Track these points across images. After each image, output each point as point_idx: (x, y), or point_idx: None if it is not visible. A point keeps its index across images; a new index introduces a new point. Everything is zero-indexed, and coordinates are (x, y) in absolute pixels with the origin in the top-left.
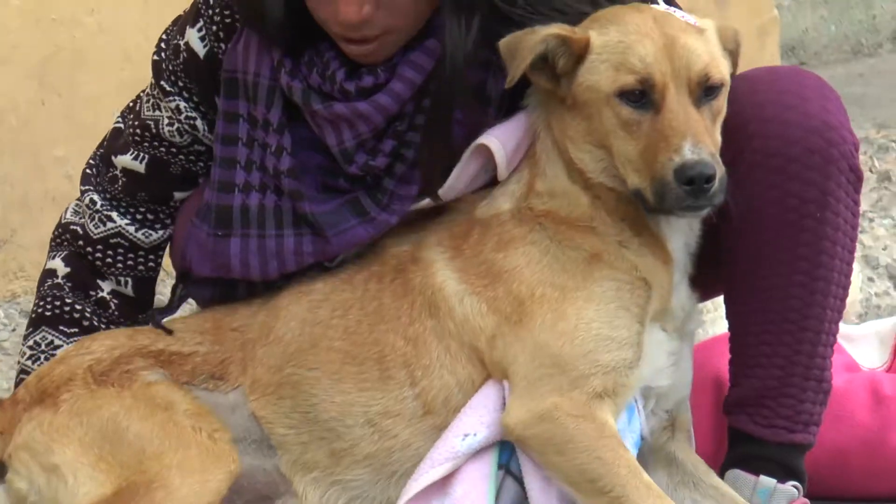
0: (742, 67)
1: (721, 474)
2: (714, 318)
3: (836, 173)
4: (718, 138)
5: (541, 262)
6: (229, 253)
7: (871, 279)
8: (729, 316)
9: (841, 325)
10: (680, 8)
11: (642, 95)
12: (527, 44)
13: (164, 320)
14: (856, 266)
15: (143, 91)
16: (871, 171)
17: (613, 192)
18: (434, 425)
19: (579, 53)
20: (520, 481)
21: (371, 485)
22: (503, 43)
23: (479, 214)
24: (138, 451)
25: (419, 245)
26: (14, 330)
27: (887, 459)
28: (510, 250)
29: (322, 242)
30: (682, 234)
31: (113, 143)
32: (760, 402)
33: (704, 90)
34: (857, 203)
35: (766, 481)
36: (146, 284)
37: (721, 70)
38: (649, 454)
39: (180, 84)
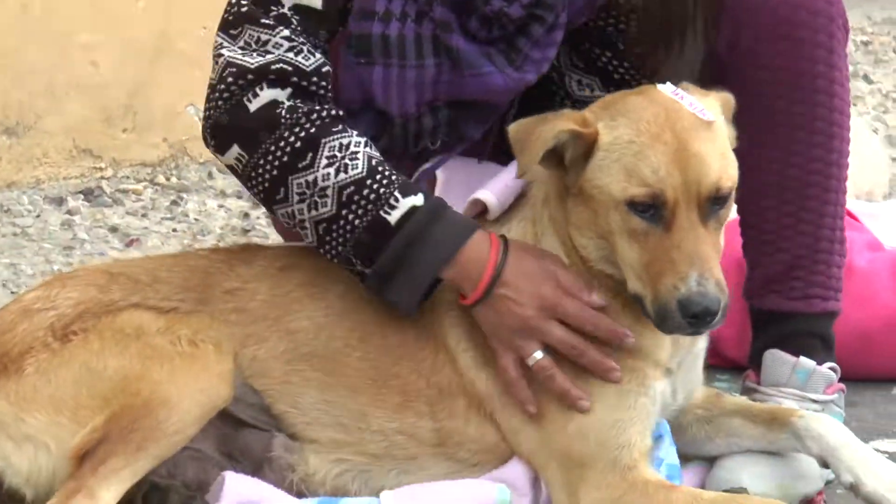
0: None
1: (753, 359)
2: None
3: (837, 31)
4: (721, 244)
5: None
6: (372, 80)
7: (893, 159)
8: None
9: (863, 202)
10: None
11: (652, 207)
12: (538, 137)
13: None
14: (881, 145)
15: None
16: (894, 51)
17: (612, 279)
18: (445, 454)
19: (588, 146)
20: None
21: (367, 467)
22: (513, 130)
23: None
24: (121, 380)
25: None
26: (38, 216)
27: None
28: None
29: (458, 77)
30: None
31: None
32: (791, 276)
33: (713, 201)
34: (847, 56)
35: (806, 362)
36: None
37: (731, 175)
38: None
39: None
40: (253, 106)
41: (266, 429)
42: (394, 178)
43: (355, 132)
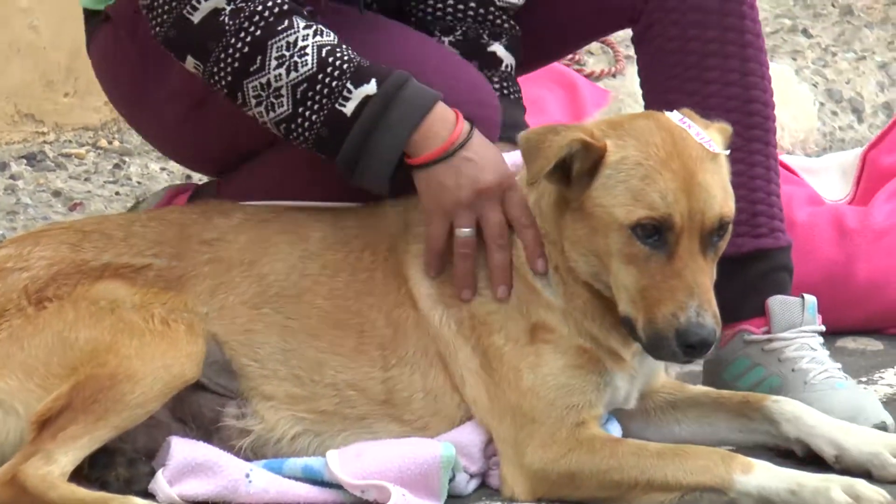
0: None
1: (740, 308)
2: None
3: None
4: (714, 275)
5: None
6: None
7: (834, 113)
8: None
9: (802, 157)
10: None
11: (656, 232)
12: (552, 145)
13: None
14: (812, 94)
15: None
16: (833, 5)
17: (592, 288)
18: (391, 415)
19: (595, 161)
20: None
21: (320, 428)
22: (524, 137)
23: None
24: (91, 351)
25: (410, 214)
26: None
27: (853, 291)
28: None
29: None
30: None
31: None
32: (755, 213)
33: (714, 233)
34: None
35: (809, 297)
36: None
37: (732, 208)
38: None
39: None
40: (196, 18)
41: (221, 393)
42: (346, 67)
43: (303, 24)
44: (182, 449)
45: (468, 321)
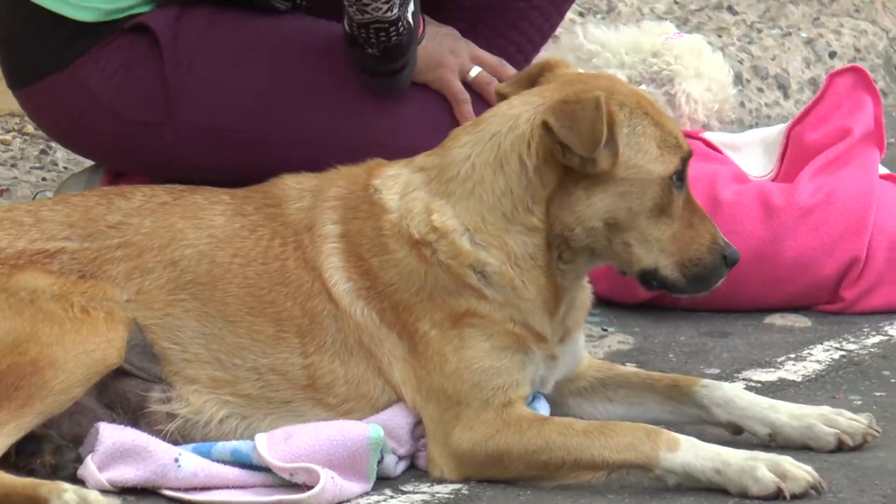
0: None
1: None
2: None
3: None
4: None
5: (410, 290)
6: None
7: (760, 89)
8: None
9: (725, 133)
10: None
11: (682, 173)
12: (586, 109)
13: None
14: (726, 63)
15: None
16: None
17: (548, 271)
18: (315, 399)
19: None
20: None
21: (246, 411)
22: (555, 113)
23: (373, 189)
24: (12, 342)
25: (317, 203)
26: None
27: (781, 269)
28: (384, 259)
29: None
30: (571, 301)
31: None
32: None
33: None
34: None
35: None
36: None
37: None
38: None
39: None
40: None
41: (145, 378)
42: None
43: None
44: (111, 434)
45: (390, 311)
